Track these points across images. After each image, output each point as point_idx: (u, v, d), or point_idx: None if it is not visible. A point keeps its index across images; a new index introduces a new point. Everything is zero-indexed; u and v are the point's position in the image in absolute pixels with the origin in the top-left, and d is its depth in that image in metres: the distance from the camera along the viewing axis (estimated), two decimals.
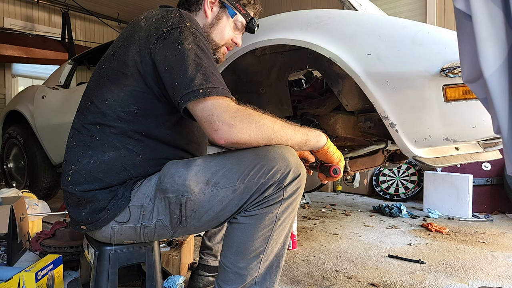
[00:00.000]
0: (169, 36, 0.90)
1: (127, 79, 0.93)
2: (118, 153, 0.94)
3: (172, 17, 0.94)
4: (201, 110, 0.86)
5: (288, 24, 1.46)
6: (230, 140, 0.86)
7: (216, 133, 0.85)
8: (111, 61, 0.97)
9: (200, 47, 0.91)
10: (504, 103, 0.63)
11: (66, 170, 0.98)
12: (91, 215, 0.94)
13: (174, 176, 0.92)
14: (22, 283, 1.21)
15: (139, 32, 0.94)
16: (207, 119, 0.85)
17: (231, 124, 0.85)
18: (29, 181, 3.13)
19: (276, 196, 0.91)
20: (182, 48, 0.88)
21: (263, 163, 0.90)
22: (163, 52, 0.89)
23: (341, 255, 1.87)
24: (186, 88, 0.85)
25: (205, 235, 1.43)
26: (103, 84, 0.97)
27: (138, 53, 0.92)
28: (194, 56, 0.88)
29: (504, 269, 1.68)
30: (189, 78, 0.86)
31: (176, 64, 0.87)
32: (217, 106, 0.85)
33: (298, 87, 1.94)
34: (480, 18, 0.63)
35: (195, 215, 0.92)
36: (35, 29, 5.44)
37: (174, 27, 0.91)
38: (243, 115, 0.87)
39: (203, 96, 0.84)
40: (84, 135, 0.97)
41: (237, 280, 0.95)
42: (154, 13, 0.98)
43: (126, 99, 0.94)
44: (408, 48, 1.22)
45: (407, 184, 3.39)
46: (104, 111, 0.95)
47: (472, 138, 1.29)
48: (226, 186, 0.91)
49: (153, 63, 0.91)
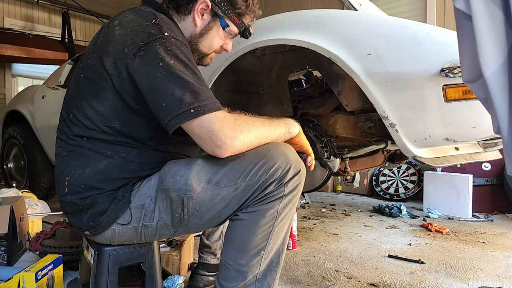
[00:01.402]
0: (148, 51, 0.84)
1: (105, 92, 0.90)
2: (113, 162, 0.92)
3: (148, 26, 0.87)
4: (199, 127, 0.83)
5: (288, 24, 1.46)
6: (235, 152, 0.86)
7: (220, 149, 0.84)
8: (87, 71, 0.93)
9: (182, 61, 0.86)
10: (504, 103, 0.63)
11: (61, 182, 0.95)
12: (92, 219, 0.93)
13: (176, 176, 0.91)
14: (22, 283, 1.21)
15: (113, 43, 0.88)
16: (208, 135, 0.83)
17: (233, 137, 0.83)
18: (29, 181, 3.13)
19: (277, 192, 0.92)
20: (164, 64, 0.83)
21: (264, 161, 0.91)
22: (143, 68, 0.84)
23: (341, 255, 1.87)
24: (176, 110, 0.82)
25: (203, 234, 1.43)
26: (82, 96, 0.93)
27: (114, 67, 0.87)
28: (178, 72, 0.83)
29: (504, 269, 1.68)
30: (177, 99, 0.82)
31: (160, 84, 0.83)
32: (215, 121, 0.83)
33: (298, 87, 1.94)
34: (480, 18, 0.63)
35: (197, 213, 0.92)
36: (35, 29, 5.44)
37: (151, 39, 0.85)
38: (241, 124, 0.86)
39: (195, 116, 0.82)
40: (72, 146, 0.94)
41: (238, 278, 0.95)
42: (129, 18, 0.91)
43: (106, 114, 0.90)
44: (408, 48, 1.22)
45: (407, 184, 3.39)
46: (87, 125, 0.92)
47: (472, 138, 1.29)
48: (228, 185, 0.91)
49: (132, 79, 0.86)
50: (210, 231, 1.42)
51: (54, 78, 3.19)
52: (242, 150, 0.87)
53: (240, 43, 1.54)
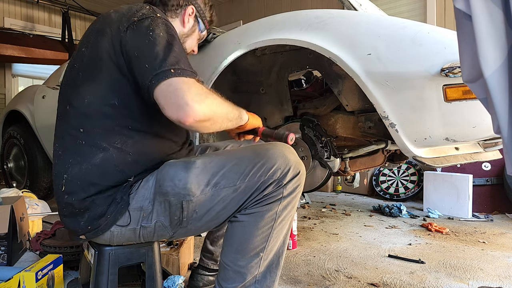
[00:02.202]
0: (140, 25, 0.89)
1: (102, 73, 0.91)
2: (108, 154, 0.92)
3: (143, 9, 0.94)
4: (167, 85, 0.82)
5: (288, 24, 1.46)
6: (198, 118, 0.82)
7: (183, 111, 0.81)
8: (82, 58, 0.95)
9: (171, 35, 0.90)
10: (504, 103, 0.63)
11: (58, 181, 0.95)
12: (91, 222, 0.92)
13: (174, 180, 0.91)
14: (22, 283, 1.21)
15: (110, 24, 0.93)
16: (174, 94, 0.82)
17: (198, 100, 0.82)
18: (29, 181, 3.13)
19: (276, 194, 0.92)
20: (154, 34, 0.88)
21: (263, 162, 0.91)
22: (134, 39, 0.88)
23: (341, 255, 1.87)
24: (156, 69, 0.83)
25: (208, 238, 1.41)
26: (78, 83, 0.94)
27: (111, 45, 0.90)
28: (165, 41, 0.88)
29: (504, 269, 1.68)
30: (160, 59, 0.84)
31: (147, 49, 0.86)
32: (186, 82, 0.83)
33: (298, 87, 1.94)
34: (480, 18, 0.63)
35: (196, 215, 0.92)
36: (35, 29, 5.44)
37: (145, 17, 0.91)
38: (208, 92, 0.87)
39: (174, 76, 0.82)
40: (68, 142, 0.94)
41: (238, 279, 0.95)
42: (125, 7, 0.97)
43: (104, 93, 0.91)
44: (408, 48, 1.22)
45: (407, 184, 3.39)
46: (85, 111, 0.92)
47: (472, 138, 1.30)
48: (227, 186, 0.91)
49: (125, 52, 0.89)
50: (215, 237, 1.39)
51: (54, 78, 3.19)
52: (205, 116, 0.84)
53: (240, 43, 1.54)
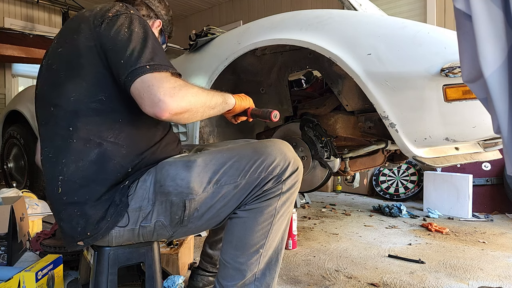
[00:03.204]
0: (115, 19, 0.90)
1: (84, 68, 0.90)
2: (103, 149, 0.90)
3: (117, 6, 0.94)
4: (140, 83, 0.83)
5: (288, 24, 1.46)
6: (174, 111, 0.83)
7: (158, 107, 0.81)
8: (61, 58, 0.94)
9: (146, 31, 0.91)
10: (504, 103, 0.63)
11: (53, 184, 0.92)
12: (90, 228, 0.90)
13: (176, 179, 0.91)
14: (22, 283, 1.21)
15: (85, 21, 0.93)
16: (147, 91, 0.82)
17: (172, 94, 0.82)
18: (29, 181, 3.13)
19: (275, 189, 0.93)
20: (128, 29, 0.88)
21: (263, 158, 0.92)
22: (109, 33, 0.88)
23: (341, 255, 1.87)
24: (132, 65, 0.84)
25: (207, 242, 1.41)
26: (61, 83, 0.93)
27: (88, 39, 0.90)
28: (141, 36, 0.88)
29: (504, 269, 1.68)
30: (135, 56, 0.84)
31: (122, 43, 0.86)
32: (157, 77, 0.83)
33: (298, 87, 1.94)
34: (480, 18, 0.63)
35: (197, 214, 0.93)
36: (35, 29, 5.43)
37: (120, 13, 0.92)
38: (181, 84, 0.86)
39: (149, 71, 0.83)
40: (59, 142, 0.92)
41: (237, 276, 0.95)
42: (98, 6, 0.97)
43: (90, 89, 0.90)
44: (408, 48, 1.22)
45: (407, 184, 3.39)
46: (73, 109, 0.90)
47: (472, 138, 1.29)
48: (228, 183, 0.92)
49: (100, 45, 0.89)
50: (214, 240, 1.39)
51: None
52: (182, 109, 0.84)
53: (240, 43, 1.54)
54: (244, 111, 1.11)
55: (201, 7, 5.89)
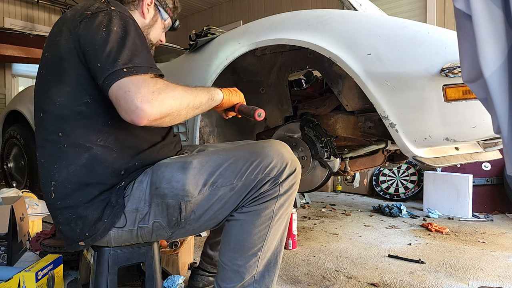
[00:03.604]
0: (93, 19, 0.87)
1: (67, 72, 0.89)
2: (92, 153, 0.90)
3: (97, 3, 0.92)
4: (117, 88, 0.79)
5: (288, 24, 1.46)
6: (153, 117, 0.79)
7: (135, 114, 0.78)
8: (47, 63, 0.93)
9: (125, 29, 0.87)
10: (504, 103, 0.63)
11: (47, 190, 0.93)
12: (88, 229, 0.90)
13: (172, 181, 0.90)
14: (22, 283, 1.21)
15: (66, 23, 0.91)
16: (124, 97, 0.78)
17: (150, 99, 0.79)
18: (29, 181, 3.13)
19: (272, 192, 0.92)
20: (107, 30, 0.84)
21: (260, 160, 0.91)
22: (87, 33, 0.85)
23: (341, 255, 1.87)
24: (109, 69, 0.80)
25: (207, 243, 1.41)
26: (47, 88, 0.92)
27: (68, 41, 0.88)
28: (118, 37, 0.84)
29: (504, 269, 1.68)
30: (112, 58, 0.81)
31: (99, 45, 0.83)
32: (135, 82, 0.79)
33: (298, 87, 1.94)
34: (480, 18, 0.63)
35: (194, 216, 0.92)
36: (35, 29, 5.43)
37: (98, 10, 0.88)
38: (161, 87, 0.82)
39: (127, 75, 0.79)
40: (50, 148, 0.92)
41: (236, 278, 0.95)
42: (80, 4, 0.95)
43: (75, 92, 0.89)
44: (408, 48, 1.22)
45: (407, 184, 3.39)
46: (60, 114, 0.90)
47: (472, 138, 1.29)
48: (224, 185, 0.91)
49: (79, 46, 0.86)
50: (215, 242, 1.39)
51: None
52: (161, 114, 0.81)
53: (240, 43, 1.54)
54: (233, 106, 1.08)
55: (201, 7, 5.89)
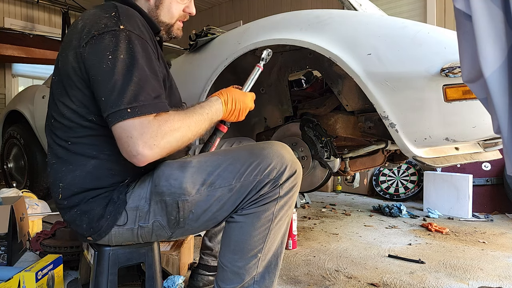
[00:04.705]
0: (100, 41, 0.84)
1: (73, 89, 0.89)
2: (99, 161, 0.91)
3: (106, 18, 0.87)
4: (120, 129, 0.80)
5: (288, 24, 1.46)
6: (152, 159, 0.82)
7: (135, 159, 0.80)
8: (58, 73, 0.93)
9: (133, 56, 0.83)
10: (504, 103, 0.63)
11: (55, 189, 0.95)
12: (92, 225, 0.92)
13: (170, 179, 0.91)
14: (22, 283, 1.21)
15: (75, 35, 0.89)
16: (126, 141, 0.80)
17: (152, 145, 0.80)
18: (29, 181, 3.14)
19: (272, 194, 0.92)
20: (112, 58, 0.82)
21: (259, 161, 0.91)
22: (92, 58, 0.84)
23: (341, 255, 1.87)
24: (113, 106, 0.80)
25: (206, 235, 1.42)
26: (56, 98, 0.93)
27: (75, 59, 0.87)
28: (125, 64, 0.82)
29: (504, 269, 1.68)
30: (116, 95, 0.80)
31: (103, 77, 0.82)
32: (137, 127, 0.79)
33: (298, 87, 1.94)
34: (480, 18, 0.63)
35: (192, 216, 0.92)
36: (35, 29, 5.44)
37: (106, 30, 0.84)
38: (164, 131, 0.82)
39: (131, 116, 0.79)
40: (59, 152, 0.94)
41: (236, 280, 0.95)
42: (90, 12, 0.92)
43: (79, 110, 0.89)
44: (408, 48, 1.22)
45: (407, 184, 3.39)
46: (67, 125, 0.91)
47: (472, 138, 1.29)
48: (222, 186, 0.91)
49: (84, 68, 0.85)
50: (213, 233, 1.40)
51: None
52: (160, 155, 0.82)
53: (240, 43, 1.54)
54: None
55: (201, 7, 5.89)
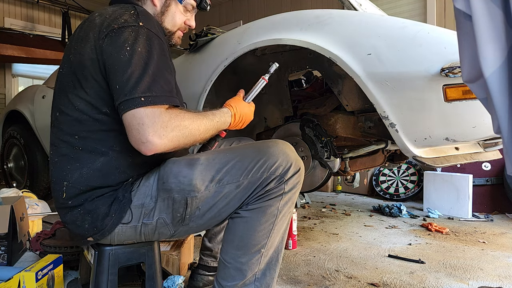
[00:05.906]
0: (119, 34, 0.86)
1: (87, 81, 0.89)
2: (108, 158, 0.92)
3: (126, 15, 0.90)
4: (132, 116, 0.82)
5: (288, 24, 1.46)
6: (160, 150, 0.83)
7: (144, 146, 0.82)
8: (70, 65, 0.93)
9: (150, 51, 0.86)
10: (504, 103, 0.63)
11: (59, 189, 0.94)
12: (95, 224, 0.92)
13: (179, 176, 0.92)
14: (22, 283, 1.21)
15: (93, 29, 0.90)
16: (136, 128, 0.81)
17: (161, 135, 0.82)
18: (29, 181, 3.13)
19: (277, 189, 0.94)
20: (131, 49, 0.84)
21: (265, 159, 0.93)
22: (110, 49, 0.85)
23: (341, 255, 1.87)
24: (127, 94, 0.82)
25: (206, 236, 1.42)
26: (67, 90, 0.93)
27: (93, 51, 0.88)
28: (142, 60, 0.84)
29: (504, 269, 1.68)
30: (132, 84, 0.82)
31: (120, 66, 0.84)
32: (149, 115, 0.81)
33: (298, 87, 1.94)
34: (480, 18, 0.63)
35: (198, 212, 0.93)
36: (35, 29, 5.44)
37: (126, 25, 0.87)
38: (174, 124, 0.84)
39: (144, 105, 0.81)
40: (64, 148, 0.93)
41: (238, 276, 0.95)
42: (109, 10, 0.94)
43: (94, 101, 0.90)
44: (408, 48, 1.22)
45: (407, 184, 3.39)
46: (78, 118, 0.91)
47: (472, 138, 1.29)
48: (230, 182, 0.92)
49: (102, 60, 0.87)
50: (213, 234, 1.41)
51: (54, 78, 3.18)
52: (167, 148, 0.84)
53: (240, 43, 1.54)
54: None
55: None
